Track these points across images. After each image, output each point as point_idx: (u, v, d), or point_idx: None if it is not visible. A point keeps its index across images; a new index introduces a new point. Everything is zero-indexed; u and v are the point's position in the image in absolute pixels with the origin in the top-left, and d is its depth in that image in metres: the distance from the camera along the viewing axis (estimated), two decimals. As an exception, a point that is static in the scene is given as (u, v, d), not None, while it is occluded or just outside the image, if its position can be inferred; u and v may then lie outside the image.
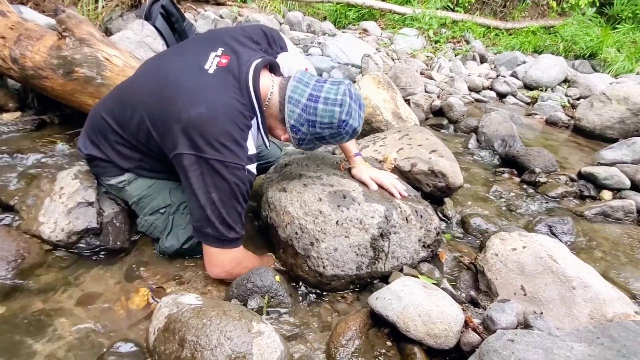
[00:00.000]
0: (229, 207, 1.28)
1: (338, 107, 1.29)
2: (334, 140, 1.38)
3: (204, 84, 1.28)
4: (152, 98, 1.31)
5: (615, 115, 3.40)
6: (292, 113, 1.32)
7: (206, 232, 1.30)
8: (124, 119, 1.37)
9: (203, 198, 1.26)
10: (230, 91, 1.28)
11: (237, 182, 1.27)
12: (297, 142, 1.39)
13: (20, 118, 2.31)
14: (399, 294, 1.23)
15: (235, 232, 1.32)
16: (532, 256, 1.42)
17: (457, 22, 6.76)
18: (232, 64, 1.33)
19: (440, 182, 1.99)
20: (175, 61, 1.39)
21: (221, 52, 1.36)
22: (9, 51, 2.11)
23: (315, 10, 6.74)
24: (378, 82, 2.85)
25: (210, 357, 0.95)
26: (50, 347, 1.14)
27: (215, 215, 1.27)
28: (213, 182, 1.25)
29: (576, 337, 1.07)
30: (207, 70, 1.31)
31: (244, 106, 1.29)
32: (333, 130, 1.32)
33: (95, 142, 1.46)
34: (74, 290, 1.33)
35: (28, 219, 1.48)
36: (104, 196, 1.57)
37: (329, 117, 1.29)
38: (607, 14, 6.88)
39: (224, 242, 1.31)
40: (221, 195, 1.26)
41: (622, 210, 2.16)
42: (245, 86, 1.30)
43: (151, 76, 1.39)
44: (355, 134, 1.38)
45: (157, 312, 1.11)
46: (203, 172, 1.24)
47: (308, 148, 1.44)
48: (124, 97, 1.42)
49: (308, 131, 1.33)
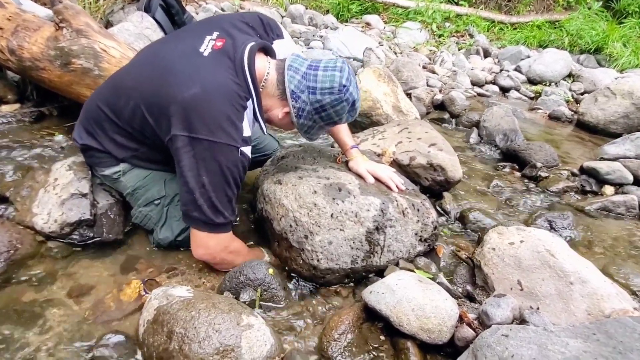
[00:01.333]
0: (219, 191, 1.25)
1: (338, 72, 1.29)
2: (335, 113, 1.33)
3: (198, 65, 1.27)
4: (147, 83, 1.30)
5: (620, 110, 3.36)
6: (292, 79, 1.31)
7: (193, 215, 1.27)
8: (119, 106, 1.36)
9: (193, 181, 1.23)
10: (225, 72, 1.26)
11: (229, 165, 1.24)
12: (297, 114, 1.33)
13: (19, 110, 2.31)
14: (393, 287, 1.22)
15: (223, 217, 1.28)
16: (530, 251, 1.40)
17: (461, 16, 6.69)
18: (227, 46, 1.31)
19: (439, 176, 1.97)
20: (171, 47, 1.39)
21: (216, 35, 1.35)
22: (6, 42, 2.10)
23: (317, 4, 6.68)
24: (378, 75, 2.82)
25: (198, 350, 0.94)
26: (41, 338, 1.13)
27: (204, 198, 1.24)
28: (205, 164, 1.22)
29: (572, 332, 1.05)
30: (202, 53, 1.30)
31: (239, 87, 1.27)
32: (334, 96, 1.29)
33: (91, 132, 1.45)
34: (67, 281, 1.32)
35: (22, 210, 1.48)
36: (98, 187, 1.56)
37: (330, 82, 1.28)
38: (614, 8, 6.78)
39: (210, 226, 1.28)
40: (212, 177, 1.23)
41: (624, 205, 2.13)
42: (241, 67, 1.28)
43: (147, 63, 1.38)
44: (354, 109, 1.36)
45: (147, 304, 1.10)
46: (195, 154, 1.21)
47: (307, 128, 1.39)
48: (119, 85, 1.41)
49: (308, 99, 1.30)
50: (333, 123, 1.40)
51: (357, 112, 1.40)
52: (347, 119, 1.40)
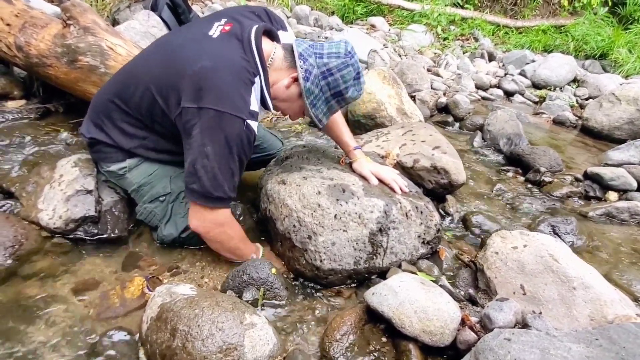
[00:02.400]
0: (222, 162, 1.24)
1: (343, 43, 1.37)
2: (341, 78, 1.33)
3: (207, 44, 1.31)
4: (157, 66, 1.34)
5: (624, 116, 3.35)
6: (300, 45, 1.36)
7: (192, 187, 1.26)
8: (129, 93, 1.38)
9: (196, 151, 1.23)
10: (234, 49, 1.30)
11: (234, 136, 1.23)
12: (304, 76, 1.32)
13: (25, 106, 2.32)
14: (396, 289, 1.22)
15: (222, 191, 1.27)
16: (533, 255, 1.40)
17: (466, 20, 6.68)
18: (235, 29, 1.35)
19: (442, 179, 1.97)
20: (181, 34, 1.46)
21: (224, 21, 1.39)
22: (14, 39, 2.11)
23: (323, 5, 6.68)
24: (383, 78, 2.82)
25: (201, 348, 0.94)
26: (44, 333, 1.14)
27: (205, 169, 1.23)
28: (210, 133, 1.22)
29: (574, 337, 1.05)
30: (211, 35, 1.33)
31: (247, 62, 1.29)
32: (340, 59, 1.32)
33: (99, 125, 1.46)
34: (70, 277, 1.33)
35: (27, 206, 1.48)
36: (103, 185, 1.57)
37: (336, 48, 1.34)
38: (620, 14, 6.76)
39: (208, 199, 1.27)
40: (215, 147, 1.22)
41: (628, 211, 2.13)
42: (249, 45, 1.31)
43: (157, 50, 1.44)
44: (360, 81, 1.37)
45: (151, 301, 1.11)
46: (202, 124, 1.22)
47: (314, 98, 1.36)
48: (128, 74, 1.44)
49: (315, 63, 1.32)
50: (339, 95, 1.37)
51: (362, 88, 1.40)
52: (352, 93, 1.38)
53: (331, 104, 1.41)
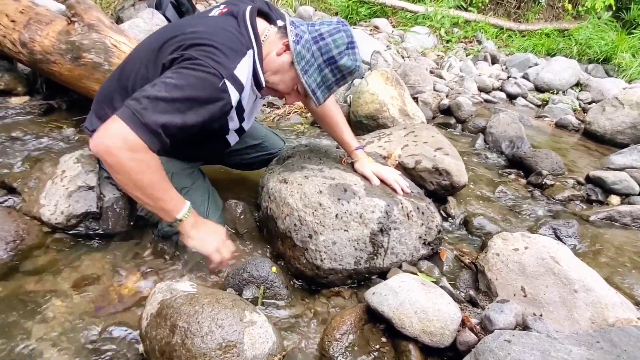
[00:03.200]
0: (175, 97, 1.10)
1: (335, 17, 1.38)
2: (333, 43, 1.28)
3: (203, 20, 1.34)
4: (153, 43, 1.34)
5: (627, 120, 3.34)
6: (291, 18, 1.35)
7: (128, 102, 1.10)
8: (126, 74, 1.37)
9: (159, 79, 1.13)
10: (228, 24, 1.30)
11: (203, 86, 1.13)
12: (295, 40, 1.28)
13: (28, 102, 2.33)
14: (396, 290, 1.21)
15: (155, 123, 1.08)
16: (534, 257, 1.40)
17: (470, 22, 6.68)
18: (231, 9, 1.37)
19: (444, 180, 1.96)
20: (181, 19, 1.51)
21: (223, 6, 1.41)
22: (18, 35, 2.12)
23: (327, 6, 6.69)
24: (386, 79, 2.82)
25: (201, 345, 0.94)
26: (44, 328, 1.14)
27: (155, 92, 1.09)
28: (181, 71, 1.13)
29: (575, 340, 1.05)
30: (209, 15, 1.38)
31: (241, 35, 1.28)
32: (332, 25, 1.30)
33: (102, 116, 1.44)
34: (71, 272, 1.33)
35: (29, 201, 1.49)
36: (105, 181, 1.57)
37: (328, 20, 1.34)
38: (623, 19, 6.75)
39: (134, 120, 1.07)
40: (179, 82, 1.11)
41: (630, 215, 2.12)
42: (243, 21, 1.31)
43: (155, 34, 1.44)
44: (354, 49, 1.30)
45: (151, 297, 1.11)
46: (179, 65, 1.16)
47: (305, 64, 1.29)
48: (127, 60, 1.44)
49: (307, 29, 1.31)
50: (333, 61, 1.29)
51: (357, 58, 1.32)
52: (346, 62, 1.29)
53: (325, 73, 1.31)
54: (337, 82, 1.35)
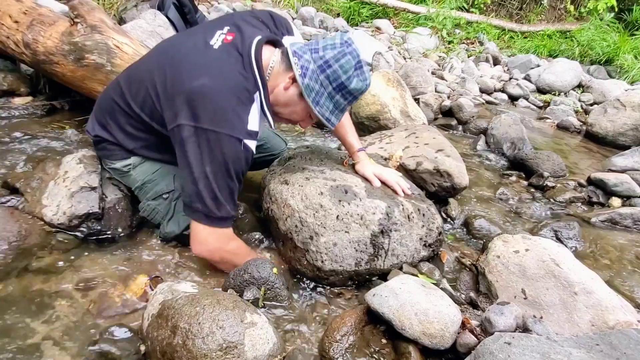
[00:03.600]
0: (222, 183, 1.25)
1: (339, 34, 1.33)
2: (341, 69, 1.26)
3: (208, 57, 1.30)
4: (158, 72, 1.34)
5: (629, 122, 3.34)
6: (294, 45, 1.33)
7: (195, 207, 1.27)
8: (132, 95, 1.39)
9: (197, 171, 1.23)
10: (233, 64, 1.29)
11: (232, 156, 1.23)
12: (301, 73, 1.27)
13: (31, 103, 2.34)
14: (396, 291, 1.22)
15: (225, 211, 1.28)
16: (535, 259, 1.40)
17: (472, 23, 6.68)
18: (236, 40, 1.34)
19: (445, 182, 1.97)
20: (184, 40, 1.46)
21: (227, 30, 1.38)
22: (21, 36, 2.13)
23: (328, 7, 6.70)
24: (388, 80, 2.83)
25: (202, 346, 0.94)
26: (46, 328, 1.14)
27: (207, 190, 1.24)
28: (208, 154, 1.22)
29: (575, 343, 1.05)
30: (212, 45, 1.33)
31: (246, 80, 1.28)
32: (336, 50, 1.26)
33: (104, 124, 1.48)
34: (73, 273, 1.34)
35: (32, 201, 1.49)
36: (107, 182, 1.58)
37: (331, 40, 1.30)
38: (626, 20, 6.74)
39: (211, 219, 1.28)
40: (215, 168, 1.23)
41: (631, 218, 2.12)
42: (248, 60, 1.30)
43: (160, 54, 1.44)
44: (362, 70, 1.29)
45: (152, 298, 1.11)
46: (200, 144, 1.22)
47: (315, 94, 1.29)
48: (133, 76, 1.45)
49: (311, 58, 1.28)
50: (343, 87, 1.29)
51: (366, 77, 1.31)
52: (356, 84, 1.29)
53: (336, 100, 1.32)
54: (349, 103, 1.37)
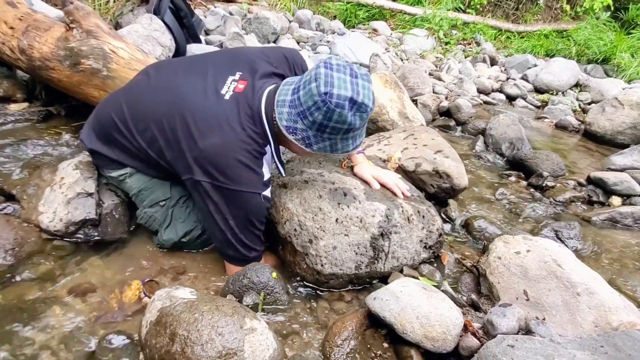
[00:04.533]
0: (247, 232, 1.33)
1: (314, 82, 1.15)
2: (336, 123, 1.16)
3: (218, 111, 1.29)
4: (166, 120, 1.31)
5: (627, 121, 3.34)
6: (281, 115, 1.23)
7: (229, 253, 1.37)
8: (137, 129, 1.38)
9: (222, 224, 1.30)
10: (243, 120, 1.28)
11: (253, 209, 1.30)
12: (305, 144, 1.24)
13: (27, 109, 2.33)
14: (397, 294, 1.21)
15: (255, 252, 1.37)
16: (536, 260, 1.39)
17: (468, 24, 6.69)
18: (247, 90, 1.33)
19: (444, 183, 1.96)
20: (193, 82, 1.36)
21: (239, 76, 1.36)
22: (17, 42, 2.12)
23: (325, 9, 6.71)
24: (385, 81, 2.82)
25: (201, 353, 0.93)
26: (43, 336, 1.13)
27: (235, 239, 1.32)
28: (229, 210, 1.28)
29: (579, 344, 1.04)
30: (223, 95, 1.31)
31: (257, 134, 1.29)
32: (321, 110, 1.14)
33: (102, 139, 1.46)
34: (70, 280, 1.32)
35: (28, 208, 1.48)
36: (104, 187, 1.57)
37: (310, 97, 1.15)
38: (622, 19, 6.75)
39: (245, 261, 1.37)
40: (238, 221, 1.30)
41: (632, 216, 2.11)
42: (258, 114, 1.30)
43: (168, 93, 1.36)
44: (356, 106, 1.15)
45: (150, 305, 1.10)
46: (220, 200, 1.27)
47: (329, 147, 1.25)
48: (137, 107, 1.39)
49: (304, 126, 1.20)
50: (349, 131, 1.21)
51: (365, 106, 1.16)
52: (357, 121, 1.18)
53: (348, 137, 1.25)
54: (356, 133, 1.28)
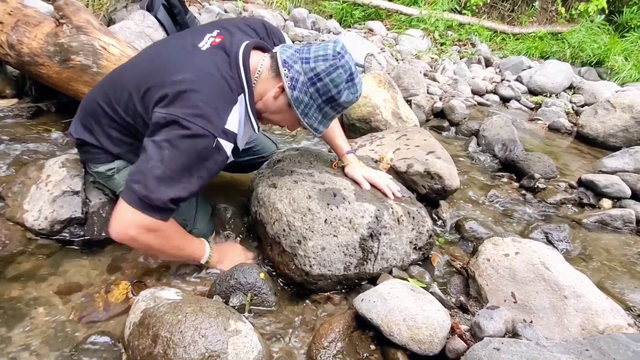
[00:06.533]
0: (175, 171, 1.12)
1: (332, 43, 1.26)
2: (331, 83, 1.23)
3: (194, 56, 1.26)
4: (143, 74, 1.29)
5: (619, 124, 3.35)
6: (284, 51, 1.27)
7: (133, 187, 1.12)
8: (116, 99, 1.34)
9: (153, 152, 1.12)
10: (219, 64, 1.25)
11: (198, 151, 1.14)
12: (290, 84, 1.24)
13: (16, 105, 2.30)
14: (385, 296, 1.20)
15: (162, 201, 1.12)
16: (525, 263, 1.39)
17: (464, 25, 6.70)
18: (225, 42, 1.31)
19: (436, 184, 1.95)
20: (172, 43, 1.41)
21: (216, 33, 1.35)
22: (6, 37, 2.09)
23: (321, 8, 6.70)
24: (379, 82, 2.82)
25: (183, 355, 0.92)
26: (25, 337, 1.11)
27: (154, 171, 1.10)
28: (172, 140, 1.12)
29: (564, 348, 1.04)
30: (200, 47, 1.29)
31: (232, 79, 1.25)
32: (328, 62, 1.21)
33: (88, 127, 1.43)
34: (55, 279, 1.30)
35: (13, 206, 1.46)
36: (91, 186, 1.55)
37: (323, 49, 1.24)
38: (616, 22, 6.80)
39: (144, 204, 1.11)
40: (174, 154, 1.11)
41: (622, 219, 2.12)
42: (235, 61, 1.26)
43: (146, 58, 1.39)
44: (354, 82, 1.25)
45: (134, 306, 1.09)
46: (169, 131, 1.13)
47: (304, 107, 1.26)
48: (117, 80, 1.39)
49: (301, 69, 1.23)
50: (333, 101, 1.26)
51: (357, 89, 1.28)
52: (347, 97, 1.26)
53: (325, 111, 1.30)
54: (338, 113, 1.35)
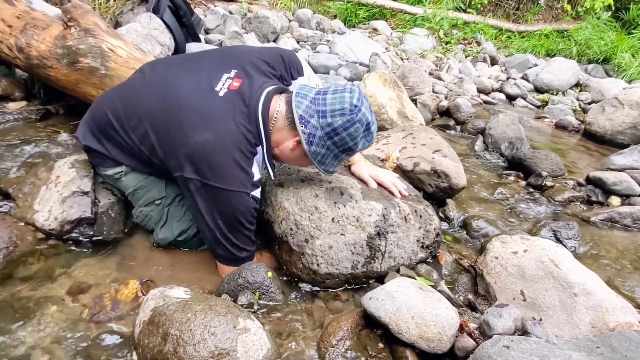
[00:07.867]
0: (236, 232, 1.31)
1: (348, 93, 1.26)
2: (349, 137, 1.26)
3: (212, 108, 1.27)
4: (159, 116, 1.30)
5: (627, 121, 3.32)
6: (299, 104, 1.28)
7: (219, 253, 1.35)
8: (129, 126, 1.36)
9: (211, 223, 1.28)
10: (238, 117, 1.26)
11: (241, 209, 1.28)
12: (307, 140, 1.27)
13: (25, 107, 2.32)
14: (393, 294, 1.20)
15: (246, 252, 1.36)
16: (534, 260, 1.38)
17: (469, 24, 6.67)
18: (244, 88, 1.31)
19: (442, 183, 1.95)
20: (187, 78, 1.35)
21: (234, 74, 1.34)
22: (15, 40, 2.11)
23: (325, 9, 6.70)
24: (384, 81, 2.82)
25: (193, 353, 0.92)
26: (36, 336, 1.12)
27: (225, 238, 1.30)
28: (218, 208, 1.27)
29: (575, 345, 1.03)
30: (217, 92, 1.29)
31: (250, 133, 1.28)
32: (345, 117, 1.23)
33: (97, 136, 1.44)
34: (65, 279, 1.32)
35: (23, 207, 1.48)
36: (100, 186, 1.56)
37: (340, 103, 1.24)
38: (623, 19, 6.73)
39: (236, 261, 1.35)
40: (227, 220, 1.28)
41: (631, 217, 2.10)
42: (254, 114, 1.28)
43: (160, 89, 1.36)
44: (370, 132, 1.29)
45: (144, 304, 1.09)
46: (208, 198, 1.26)
47: (321, 157, 1.31)
48: (130, 104, 1.38)
49: (318, 124, 1.25)
50: (349, 150, 1.31)
51: (373, 136, 1.33)
52: (363, 145, 1.32)
53: (341, 157, 1.35)
54: (350, 155, 1.39)
